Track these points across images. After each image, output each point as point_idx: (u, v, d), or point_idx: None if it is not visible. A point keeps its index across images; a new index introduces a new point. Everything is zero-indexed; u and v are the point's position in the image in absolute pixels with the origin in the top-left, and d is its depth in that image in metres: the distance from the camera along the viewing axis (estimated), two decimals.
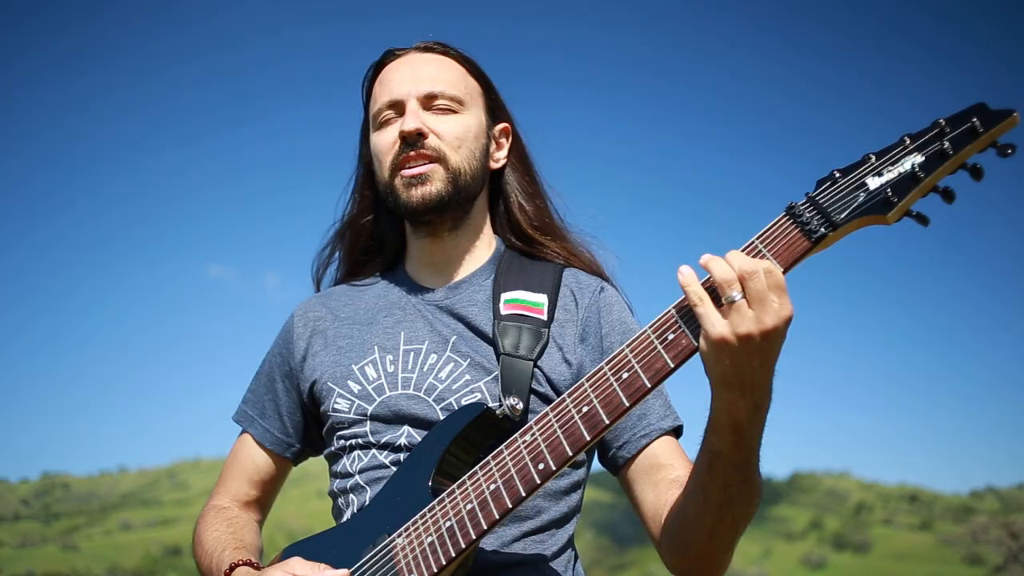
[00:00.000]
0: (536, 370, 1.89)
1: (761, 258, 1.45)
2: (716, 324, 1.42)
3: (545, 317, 1.96)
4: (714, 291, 1.44)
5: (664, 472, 1.85)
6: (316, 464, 2.40)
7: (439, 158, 1.98)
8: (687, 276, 1.47)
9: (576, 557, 2.03)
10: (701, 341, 1.45)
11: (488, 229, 2.18)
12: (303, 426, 2.18)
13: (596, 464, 2.13)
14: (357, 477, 1.94)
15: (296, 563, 1.71)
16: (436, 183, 1.97)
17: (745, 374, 1.42)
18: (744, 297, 1.41)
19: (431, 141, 1.98)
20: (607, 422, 1.52)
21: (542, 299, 1.99)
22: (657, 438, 1.91)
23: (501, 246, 2.17)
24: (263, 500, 2.24)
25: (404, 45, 2.14)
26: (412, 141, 1.97)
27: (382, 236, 2.24)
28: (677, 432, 1.96)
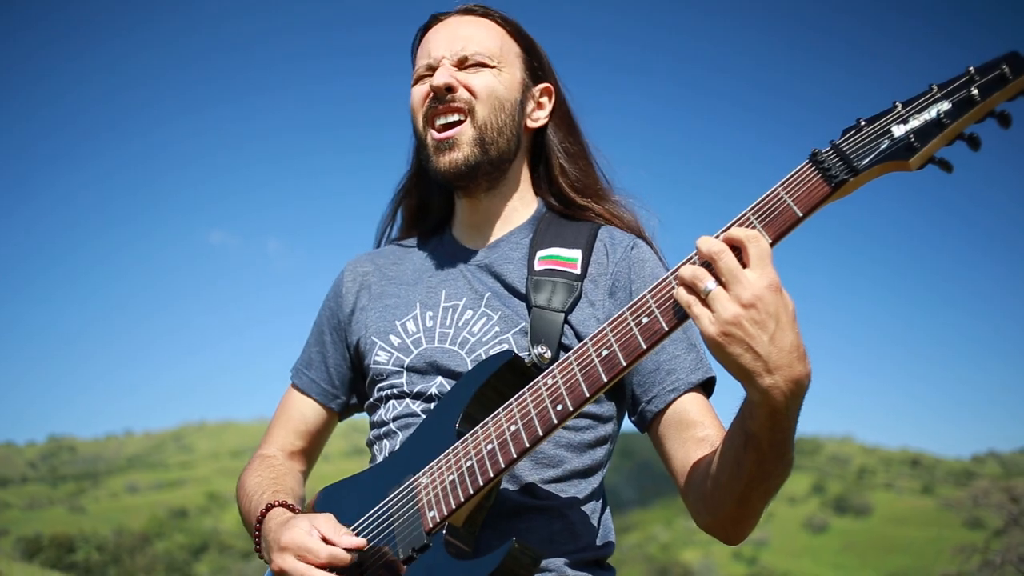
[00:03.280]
0: (566, 324, 1.93)
1: (751, 228, 1.47)
2: (705, 322, 1.44)
3: (579, 271, 1.99)
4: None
5: (693, 430, 1.86)
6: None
7: (468, 111, 2.02)
8: (680, 280, 1.50)
9: (604, 507, 2.05)
10: (705, 339, 1.47)
11: (528, 190, 2.20)
12: (349, 379, 2.25)
13: None
14: (391, 424, 2.01)
15: (323, 520, 1.75)
16: (463, 148, 2.01)
17: (760, 356, 1.42)
18: (720, 281, 1.44)
19: (460, 94, 2.02)
20: (624, 364, 1.54)
21: (576, 254, 2.02)
22: (686, 392, 1.91)
23: (542, 207, 2.19)
24: (308, 451, 2.30)
25: (447, 8, 2.18)
26: (441, 95, 2.02)
27: (428, 199, 2.29)
28: (708, 384, 1.96)
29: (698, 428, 1.86)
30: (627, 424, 2.06)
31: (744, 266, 1.43)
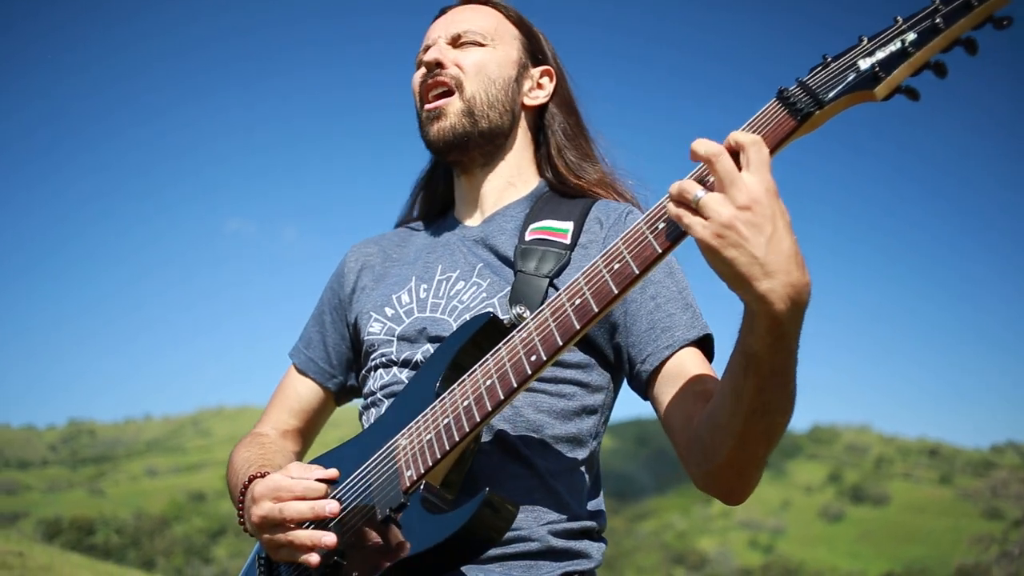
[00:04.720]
0: (550, 287, 1.91)
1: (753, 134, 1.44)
2: (698, 228, 1.39)
3: (568, 241, 1.99)
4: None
5: (692, 385, 1.79)
6: (341, 413, 2.47)
7: (456, 85, 2.07)
8: (670, 196, 1.47)
9: (596, 482, 2.03)
10: (700, 246, 1.42)
11: (529, 168, 2.21)
12: (348, 359, 2.25)
13: (615, 417, 2.09)
14: (378, 393, 2.01)
15: (293, 466, 1.79)
16: (450, 117, 2.06)
17: (756, 259, 1.35)
18: (712, 187, 1.40)
19: (450, 70, 2.07)
20: (596, 310, 1.52)
21: (568, 226, 2.02)
22: (682, 348, 1.86)
23: (543, 186, 2.20)
24: (304, 431, 2.31)
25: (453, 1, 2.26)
26: (431, 69, 2.09)
27: (438, 187, 2.33)
28: (705, 342, 1.91)
29: (697, 383, 1.78)
30: (643, 410, 2.03)
31: (740, 171, 1.39)
